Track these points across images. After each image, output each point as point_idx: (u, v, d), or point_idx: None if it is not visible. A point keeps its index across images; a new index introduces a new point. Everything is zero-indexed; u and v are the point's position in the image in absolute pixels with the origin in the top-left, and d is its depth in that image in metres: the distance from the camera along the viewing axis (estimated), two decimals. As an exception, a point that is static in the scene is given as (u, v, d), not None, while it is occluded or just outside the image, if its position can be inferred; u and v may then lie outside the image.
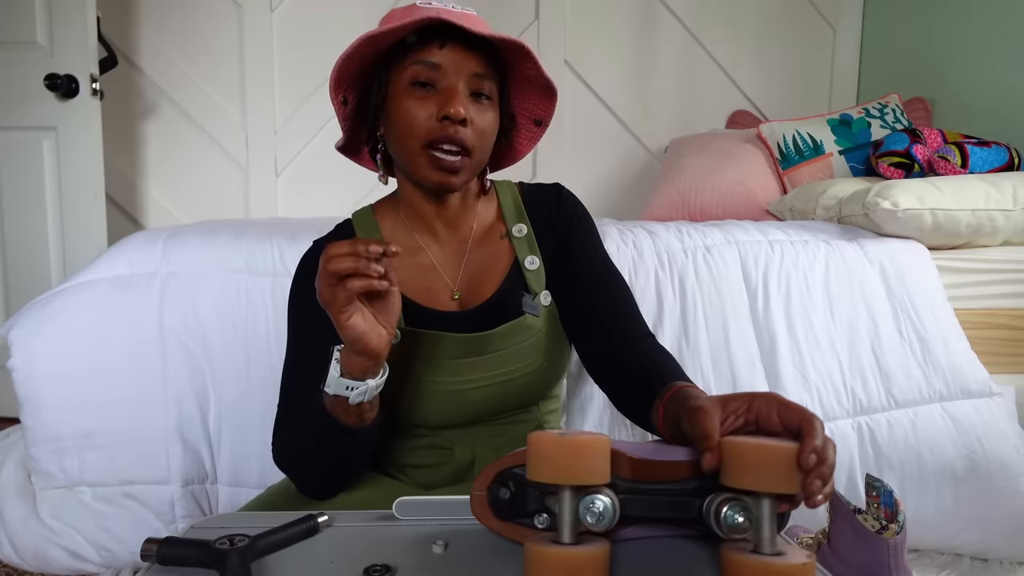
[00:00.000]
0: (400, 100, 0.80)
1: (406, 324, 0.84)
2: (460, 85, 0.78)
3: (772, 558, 0.49)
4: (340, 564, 0.55)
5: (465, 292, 0.88)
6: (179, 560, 0.54)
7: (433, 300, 0.87)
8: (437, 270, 0.88)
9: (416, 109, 0.78)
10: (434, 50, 0.78)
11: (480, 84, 0.80)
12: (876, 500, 0.97)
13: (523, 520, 0.57)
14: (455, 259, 0.89)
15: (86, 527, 1.16)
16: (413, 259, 0.88)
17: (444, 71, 0.78)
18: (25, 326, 1.17)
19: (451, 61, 0.78)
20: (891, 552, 0.93)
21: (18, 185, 2.03)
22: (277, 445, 0.84)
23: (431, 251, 0.89)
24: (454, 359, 0.84)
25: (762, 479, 0.50)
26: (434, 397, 0.85)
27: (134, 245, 1.27)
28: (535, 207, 0.92)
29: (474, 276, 0.88)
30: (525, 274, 0.88)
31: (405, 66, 0.79)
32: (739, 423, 0.58)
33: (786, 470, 0.50)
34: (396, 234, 0.89)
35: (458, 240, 0.89)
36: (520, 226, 0.90)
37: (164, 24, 2.42)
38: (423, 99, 0.78)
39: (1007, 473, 1.26)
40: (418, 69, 0.78)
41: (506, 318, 0.85)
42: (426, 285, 0.87)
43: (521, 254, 0.89)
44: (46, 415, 1.15)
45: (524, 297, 0.86)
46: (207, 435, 1.20)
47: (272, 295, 1.22)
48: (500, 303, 0.86)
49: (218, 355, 1.20)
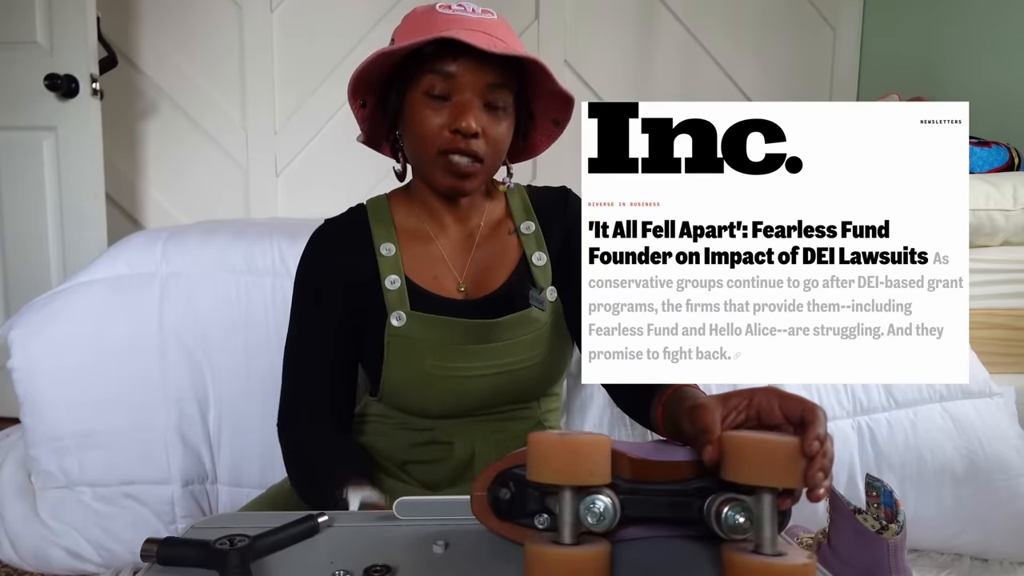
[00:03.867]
0: (415, 108, 0.81)
1: (412, 308, 0.85)
2: (473, 98, 0.80)
3: (773, 558, 0.49)
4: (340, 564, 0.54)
5: (471, 285, 0.89)
6: (179, 560, 0.54)
7: (440, 288, 0.88)
8: (445, 261, 0.90)
9: (430, 119, 0.80)
10: (448, 62, 0.79)
11: (494, 95, 0.81)
12: (876, 500, 0.97)
13: (523, 520, 0.57)
14: (462, 252, 0.91)
15: (86, 527, 1.16)
16: (423, 248, 0.90)
17: (458, 83, 0.79)
18: (25, 326, 1.17)
19: (465, 73, 0.79)
20: (891, 552, 0.93)
21: (18, 185, 2.03)
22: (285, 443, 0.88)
23: (440, 242, 0.90)
24: (459, 345, 0.85)
25: (763, 473, 0.50)
26: (437, 383, 0.85)
27: (134, 245, 1.27)
28: (543, 207, 0.94)
29: (481, 270, 0.90)
30: (533, 269, 0.90)
31: (420, 76, 0.81)
32: (740, 418, 0.58)
33: (787, 464, 0.50)
34: (407, 222, 0.91)
35: (466, 234, 0.91)
36: (528, 223, 0.92)
37: (164, 24, 2.41)
38: (437, 110, 0.80)
39: (1007, 473, 1.26)
40: (432, 80, 0.80)
41: (512, 309, 0.87)
42: (433, 274, 0.89)
43: (529, 250, 0.90)
44: (46, 415, 1.15)
45: (531, 290, 0.88)
46: (207, 435, 1.20)
47: (272, 295, 1.22)
48: (507, 295, 0.88)
49: (218, 355, 1.20)
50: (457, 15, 0.80)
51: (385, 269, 0.87)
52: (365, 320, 0.88)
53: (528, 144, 0.94)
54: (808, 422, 0.53)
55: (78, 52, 1.97)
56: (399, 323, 0.85)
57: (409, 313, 0.85)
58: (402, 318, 0.85)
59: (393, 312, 0.85)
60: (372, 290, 0.87)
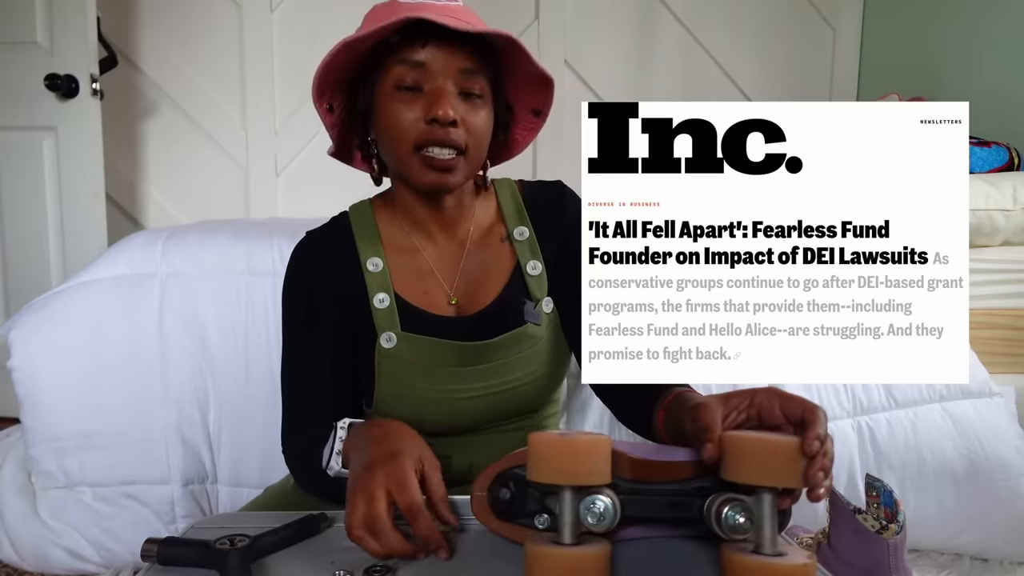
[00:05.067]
0: (386, 104, 0.76)
1: (403, 328, 0.82)
2: (447, 84, 0.75)
3: (773, 559, 0.49)
4: (340, 564, 0.54)
5: (463, 298, 0.85)
6: (179, 560, 0.54)
7: (430, 304, 0.84)
8: (434, 274, 0.85)
9: (403, 113, 0.75)
10: (417, 49, 0.74)
11: (469, 82, 0.76)
12: (876, 500, 0.97)
13: (523, 520, 0.57)
14: (452, 263, 0.86)
15: (86, 527, 1.16)
16: (410, 260, 0.85)
17: (429, 71, 0.75)
18: (25, 326, 1.17)
19: (436, 59, 0.74)
20: (891, 552, 0.93)
21: (18, 185, 2.03)
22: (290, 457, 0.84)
23: (427, 253, 0.86)
24: (452, 367, 0.82)
25: (763, 473, 0.51)
26: (430, 404, 0.82)
27: (134, 245, 1.27)
28: (537, 208, 0.89)
29: (472, 281, 0.85)
30: (527, 280, 0.85)
31: (388, 68, 0.76)
32: (741, 418, 0.58)
33: (787, 463, 0.50)
34: (393, 233, 0.86)
35: (455, 243, 0.86)
36: (522, 229, 0.87)
37: (164, 24, 2.41)
38: (409, 102, 0.75)
39: (1007, 473, 1.25)
40: (402, 71, 0.75)
41: (507, 327, 0.82)
42: (423, 288, 0.84)
43: (523, 259, 0.85)
44: (46, 415, 1.15)
45: (526, 305, 0.83)
46: (207, 435, 1.20)
47: (272, 295, 1.22)
48: (501, 311, 0.83)
49: (218, 355, 1.20)
50: (419, 2, 0.75)
51: (373, 287, 0.82)
52: (355, 335, 0.84)
53: (508, 139, 0.88)
54: (808, 422, 0.53)
55: (78, 52, 1.97)
56: (389, 344, 0.81)
57: (399, 334, 0.81)
58: (392, 339, 0.80)
59: (383, 333, 0.81)
60: (360, 305, 0.83)
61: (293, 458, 0.83)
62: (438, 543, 0.58)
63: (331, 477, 0.73)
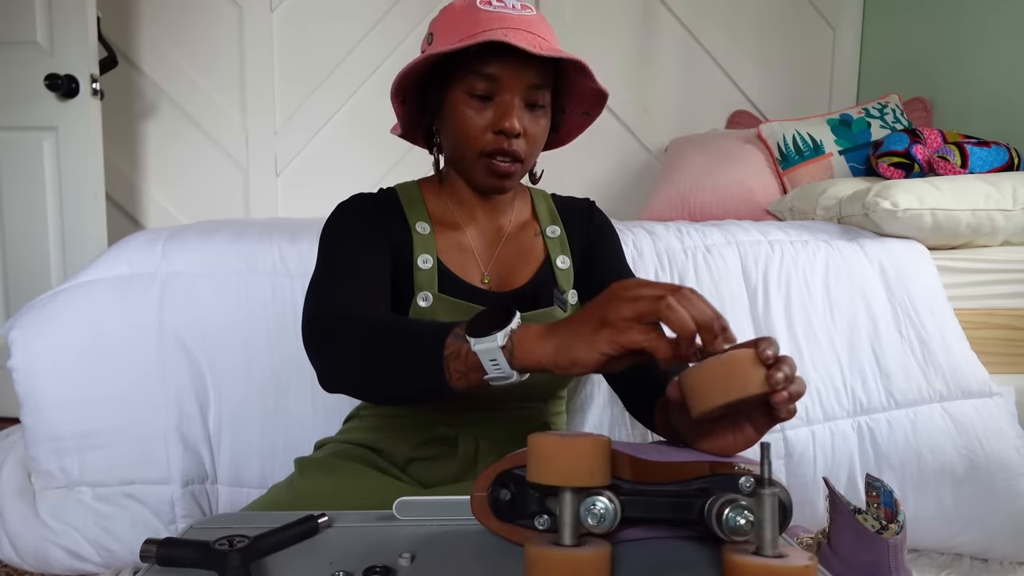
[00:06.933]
0: (457, 108, 0.81)
1: (439, 291, 0.85)
2: (516, 99, 0.80)
3: (774, 560, 0.49)
4: (340, 565, 0.54)
5: (495, 279, 0.90)
6: (179, 561, 0.54)
7: (468, 277, 0.89)
8: (472, 252, 0.91)
9: (473, 119, 0.80)
10: (492, 64, 0.79)
11: (535, 95, 0.81)
12: (876, 500, 0.97)
13: (524, 521, 0.57)
14: (490, 246, 0.92)
15: (86, 527, 1.16)
16: (453, 235, 0.91)
17: (501, 84, 0.79)
18: (25, 326, 1.17)
19: (508, 74, 0.79)
20: (891, 552, 0.93)
21: (18, 185, 2.03)
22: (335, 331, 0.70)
23: (469, 232, 0.91)
24: None
25: (728, 387, 0.52)
26: None
27: (134, 245, 1.27)
28: (567, 214, 0.96)
29: (505, 265, 0.91)
30: (556, 272, 0.91)
31: (463, 74, 0.80)
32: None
33: (746, 370, 0.52)
34: (438, 209, 0.92)
35: (495, 229, 0.92)
36: (554, 227, 0.94)
37: (164, 24, 2.42)
38: (479, 109, 0.80)
39: (1007, 473, 1.26)
40: (475, 81, 0.80)
41: (536, 306, 0.88)
42: (461, 262, 0.89)
43: (554, 253, 0.92)
44: (46, 415, 1.15)
45: (555, 290, 0.90)
46: (207, 435, 1.20)
47: (272, 295, 1.22)
48: (532, 292, 0.89)
49: (218, 355, 1.20)
50: (499, 12, 0.79)
51: (419, 247, 0.87)
52: (393, 286, 0.85)
53: (559, 135, 0.94)
54: (757, 341, 0.54)
55: (78, 52, 1.97)
56: (425, 304, 0.84)
57: (437, 295, 0.85)
58: (429, 299, 0.84)
59: (420, 292, 0.85)
60: (403, 264, 0.86)
61: (337, 338, 0.69)
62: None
63: (441, 338, 0.62)
